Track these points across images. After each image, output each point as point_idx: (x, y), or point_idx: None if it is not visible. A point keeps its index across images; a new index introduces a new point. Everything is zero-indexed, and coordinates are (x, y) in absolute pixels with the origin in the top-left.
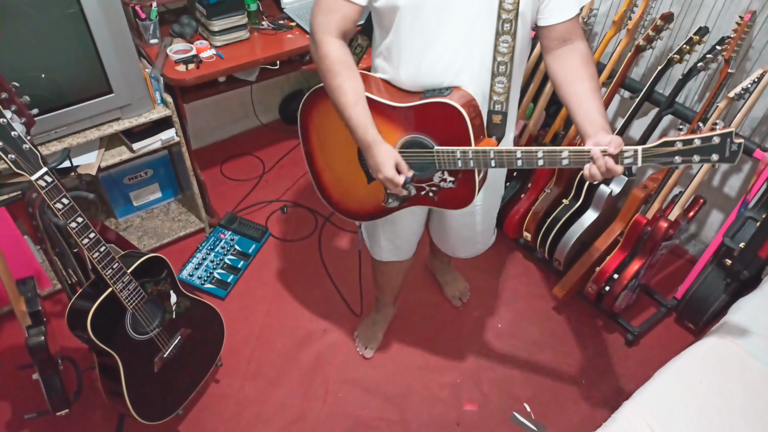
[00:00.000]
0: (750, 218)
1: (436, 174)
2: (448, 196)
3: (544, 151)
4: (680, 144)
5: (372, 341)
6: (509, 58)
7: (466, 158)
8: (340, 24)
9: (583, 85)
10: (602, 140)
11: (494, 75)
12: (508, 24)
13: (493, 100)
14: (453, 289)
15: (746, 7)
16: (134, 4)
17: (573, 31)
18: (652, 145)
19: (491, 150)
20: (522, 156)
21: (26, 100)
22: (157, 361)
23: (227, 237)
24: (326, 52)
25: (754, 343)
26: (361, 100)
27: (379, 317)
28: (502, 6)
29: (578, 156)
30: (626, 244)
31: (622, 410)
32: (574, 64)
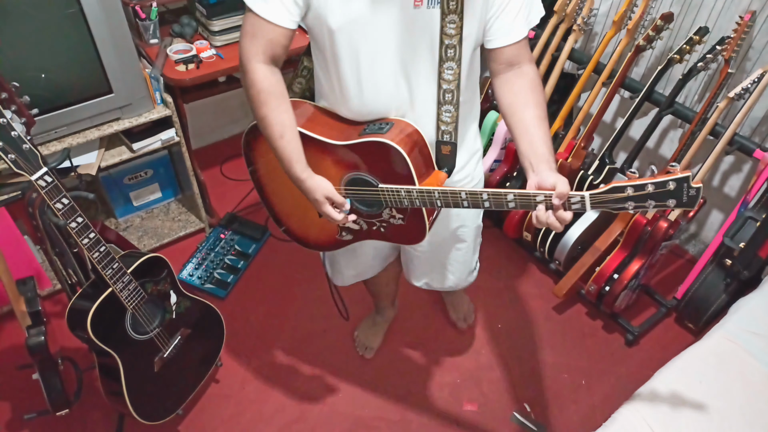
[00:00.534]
0: (750, 218)
1: (385, 210)
2: (399, 232)
3: (489, 193)
4: (631, 190)
5: (372, 342)
6: (455, 85)
7: (411, 197)
8: (267, 49)
9: (529, 112)
10: (546, 181)
11: (440, 104)
12: (452, 50)
13: (441, 130)
14: (458, 311)
15: (746, 7)
16: (134, 4)
17: (521, 54)
18: (599, 190)
19: (435, 190)
20: (467, 197)
21: (26, 100)
22: (157, 361)
23: (227, 237)
24: (252, 80)
25: (754, 343)
26: (288, 132)
27: (379, 318)
28: (444, 31)
29: (524, 199)
30: (626, 244)
31: (622, 410)
32: (520, 90)
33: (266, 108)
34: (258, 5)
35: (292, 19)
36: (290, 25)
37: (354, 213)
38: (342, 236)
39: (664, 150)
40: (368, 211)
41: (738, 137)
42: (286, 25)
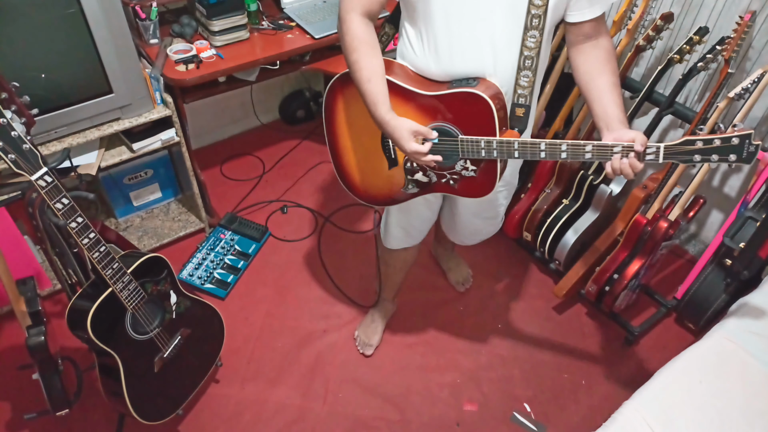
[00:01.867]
0: (750, 218)
1: (459, 162)
2: (468, 185)
3: (568, 144)
4: (701, 143)
5: (372, 339)
6: (536, 52)
7: (490, 148)
8: (365, 3)
9: (604, 80)
10: (624, 136)
11: (520, 69)
12: (537, 19)
13: (517, 93)
14: (456, 275)
15: (746, 7)
16: (134, 4)
17: (599, 27)
18: (673, 142)
19: (516, 141)
20: (546, 148)
21: (26, 100)
22: (157, 361)
23: (227, 237)
24: (348, 28)
25: (754, 343)
26: (375, 77)
27: (378, 315)
28: (532, 1)
29: (601, 150)
30: (626, 244)
31: (622, 410)
32: (597, 60)
33: (358, 53)
34: None
35: None
36: None
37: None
38: (408, 189)
39: None
40: (442, 162)
41: None
42: None
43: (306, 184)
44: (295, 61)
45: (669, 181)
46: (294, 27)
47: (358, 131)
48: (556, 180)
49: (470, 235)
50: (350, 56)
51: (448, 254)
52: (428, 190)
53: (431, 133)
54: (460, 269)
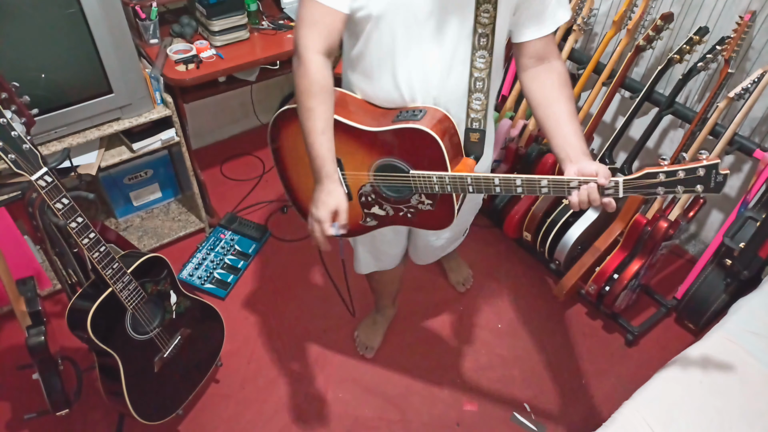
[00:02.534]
0: (750, 218)
1: (414, 196)
2: (426, 217)
3: (523, 179)
4: (663, 176)
5: (372, 341)
6: (486, 74)
7: (443, 183)
8: (325, 36)
9: (560, 107)
10: (587, 168)
11: (471, 92)
12: (485, 38)
13: (470, 118)
14: (457, 276)
15: (746, 7)
16: (134, 4)
17: (549, 49)
18: (633, 176)
19: (468, 176)
20: (500, 183)
21: (26, 100)
22: (157, 361)
23: (227, 237)
24: (307, 70)
25: (754, 343)
26: (328, 129)
27: (380, 318)
28: (477, 20)
29: (558, 185)
30: (626, 244)
31: (622, 410)
32: (552, 86)
33: (316, 101)
34: None
35: (348, 4)
36: (347, 10)
37: (381, 199)
38: (366, 222)
39: (664, 150)
40: (396, 196)
41: (738, 137)
42: (344, 11)
43: None
44: None
45: None
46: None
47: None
48: None
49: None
50: (307, 102)
51: (449, 255)
52: (387, 222)
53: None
54: (461, 269)
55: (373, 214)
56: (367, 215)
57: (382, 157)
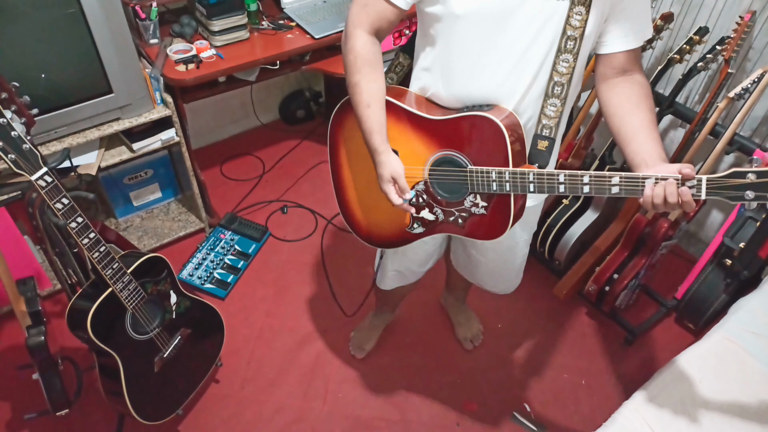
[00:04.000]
0: (750, 218)
1: (468, 198)
2: (477, 225)
3: (591, 176)
4: (753, 176)
5: (366, 343)
6: (567, 79)
7: (501, 180)
8: (374, 20)
9: (640, 116)
10: (665, 170)
11: (547, 96)
12: (572, 42)
13: (542, 124)
14: (465, 331)
15: (746, 7)
16: (134, 4)
17: (634, 62)
18: (718, 175)
19: (530, 172)
20: (565, 180)
21: (26, 100)
22: (157, 361)
23: (227, 237)
24: (353, 45)
25: (754, 343)
26: (375, 102)
27: (377, 321)
28: (569, 22)
29: (631, 183)
30: (626, 244)
31: (622, 410)
32: (632, 95)
33: (360, 75)
34: None
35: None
36: (403, 5)
37: (433, 201)
38: (413, 228)
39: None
40: (449, 198)
41: (738, 137)
42: (400, 5)
43: (306, 184)
44: (295, 61)
45: None
46: (294, 27)
47: (361, 162)
48: None
49: (491, 280)
50: (352, 77)
51: (459, 306)
52: (435, 229)
53: (407, 193)
54: (471, 324)
55: (422, 218)
56: (415, 220)
57: (441, 150)
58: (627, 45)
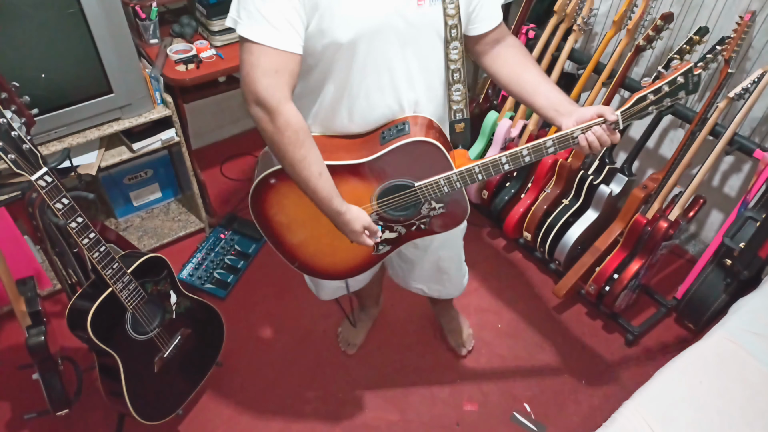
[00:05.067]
0: (750, 218)
1: (423, 207)
2: (441, 221)
3: (528, 148)
4: (651, 96)
5: (354, 339)
6: (461, 63)
7: (451, 183)
8: (291, 83)
9: (530, 73)
10: (585, 114)
11: (450, 84)
12: (455, 30)
13: (453, 110)
14: (457, 338)
15: (746, 7)
16: (134, 4)
17: (502, 30)
18: (627, 105)
19: (475, 165)
20: (508, 160)
21: (26, 100)
22: (157, 361)
23: (227, 237)
24: (287, 121)
25: (754, 343)
26: (324, 169)
27: (363, 316)
28: (446, 12)
29: (563, 141)
30: (626, 244)
31: (622, 410)
32: (513, 57)
33: (304, 148)
34: (272, 38)
35: (301, 42)
36: (300, 50)
37: (390, 223)
38: (379, 250)
39: (664, 150)
40: (405, 215)
41: (738, 137)
42: (297, 51)
43: None
44: None
45: (669, 181)
46: None
47: (302, 225)
48: (556, 180)
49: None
50: (296, 153)
51: (446, 312)
52: (401, 242)
53: (378, 231)
54: (462, 330)
55: (384, 240)
56: (378, 244)
57: (381, 183)
58: (495, 21)
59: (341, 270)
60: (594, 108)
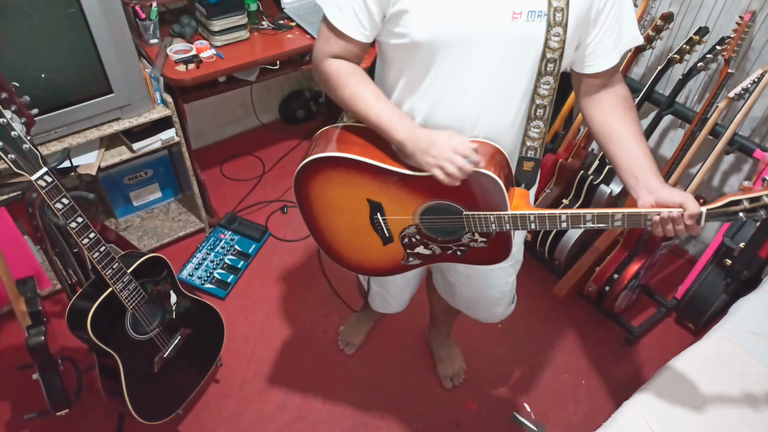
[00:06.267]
0: None
1: (466, 235)
2: (477, 254)
3: (594, 213)
4: (747, 203)
5: (354, 339)
6: (549, 101)
7: (501, 222)
8: (338, 53)
9: (626, 126)
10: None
11: (530, 119)
12: (552, 64)
13: (526, 146)
14: (446, 368)
15: (746, 7)
16: (134, 4)
17: (614, 74)
18: (716, 205)
19: (531, 214)
20: (568, 219)
21: (26, 100)
22: (157, 361)
23: (227, 237)
24: (327, 71)
25: (754, 343)
26: (382, 96)
27: (364, 317)
28: (547, 45)
29: (633, 218)
30: (626, 244)
31: (622, 410)
32: (614, 106)
33: (350, 86)
34: (332, 12)
35: (364, 33)
36: (362, 39)
37: (427, 239)
38: (408, 261)
39: (664, 150)
40: (445, 237)
41: (738, 137)
42: (359, 39)
43: None
44: (295, 61)
45: (669, 181)
46: (294, 27)
47: (340, 213)
48: (556, 180)
49: (468, 302)
50: (343, 92)
51: (442, 340)
52: (432, 261)
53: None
54: (453, 362)
55: (417, 253)
56: (409, 255)
57: (430, 200)
58: (609, 63)
59: (366, 267)
60: (679, 195)
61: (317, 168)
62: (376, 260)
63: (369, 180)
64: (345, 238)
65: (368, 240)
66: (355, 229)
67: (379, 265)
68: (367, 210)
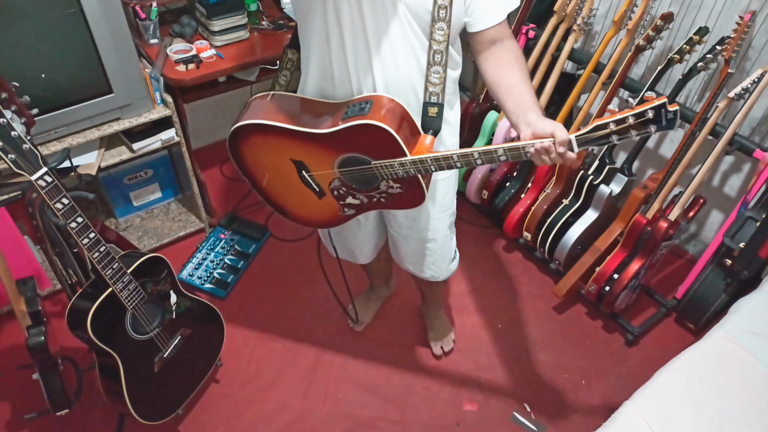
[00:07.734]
0: (750, 218)
1: (382, 183)
2: (398, 200)
3: (479, 151)
4: (613, 125)
5: (363, 317)
6: (444, 46)
7: (405, 168)
8: None
9: (512, 75)
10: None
11: (429, 65)
12: (443, 10)
13: (429, 92)
14: (436, 335)
15: (746, 7)
16: (134, 4)
17: (502, 32)
18: (584, 131)
19: (428, 157)
20: (459, 159)
21: (26, 100)
22: (157, 361)
23: (227, 237)
24: None
25: (754, 343)
26: None
27: (373, 295)
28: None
29: (514, 151)
30: (626, 244)
31: (622, 410)
32: (503, 59)
33: None
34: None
35: None
36: None
37: (352, 190)
38: (345, 212)
39: (664, 150)
40: (366, 187)
41: (738, 137)
42: None
43: None
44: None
45: (669, 181)
46: (294, 27)
47: (274, 174)
48: (556, 180)
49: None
50: None
51: (432, 313)
52: (364, 209)
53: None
54: (442, 329)
55: (349, 204)
56: (343, 206)
57: (342, 153)
58: (494, 20)
59: (314, 220)
60: (550, 125)
61: (243, 136)
62: (319, 213)
63: (288, 142)
64: (285, 196)
65: (305, 195)
66: (292, 188)
67: (322, 217)
68: (294, 169)
